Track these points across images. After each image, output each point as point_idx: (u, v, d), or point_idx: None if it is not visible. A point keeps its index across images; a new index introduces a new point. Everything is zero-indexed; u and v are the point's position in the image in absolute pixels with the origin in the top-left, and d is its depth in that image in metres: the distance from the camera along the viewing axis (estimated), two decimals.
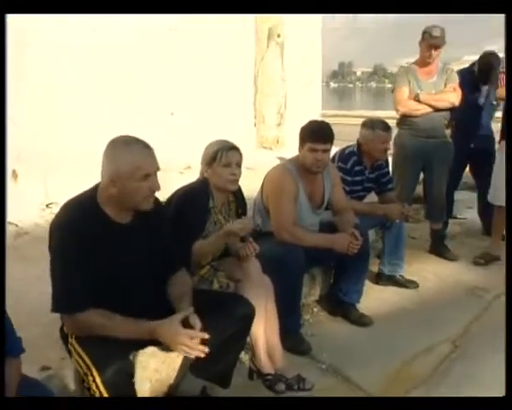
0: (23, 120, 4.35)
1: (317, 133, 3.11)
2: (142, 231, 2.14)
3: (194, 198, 2.55)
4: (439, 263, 4.55)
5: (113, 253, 2.05)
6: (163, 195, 2.46)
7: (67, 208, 2.06)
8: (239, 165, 2.65)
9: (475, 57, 5.00)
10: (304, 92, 8.31)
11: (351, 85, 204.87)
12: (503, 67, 4.30)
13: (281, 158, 7.85)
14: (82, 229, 1.98)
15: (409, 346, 3.15)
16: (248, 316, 2.34)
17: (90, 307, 1.98)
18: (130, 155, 1.99)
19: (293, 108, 8.15)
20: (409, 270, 4.16)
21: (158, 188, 2.06)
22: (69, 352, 2.08)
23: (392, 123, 4.12)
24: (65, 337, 2.10)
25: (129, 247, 2.10)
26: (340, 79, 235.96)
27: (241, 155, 2.66)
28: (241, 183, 2.93)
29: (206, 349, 1.96)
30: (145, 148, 2.04)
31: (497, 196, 4.43)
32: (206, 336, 1.98)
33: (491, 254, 4.55)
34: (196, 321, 2.00)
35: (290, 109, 8.18)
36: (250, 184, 3.60)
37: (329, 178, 3.32)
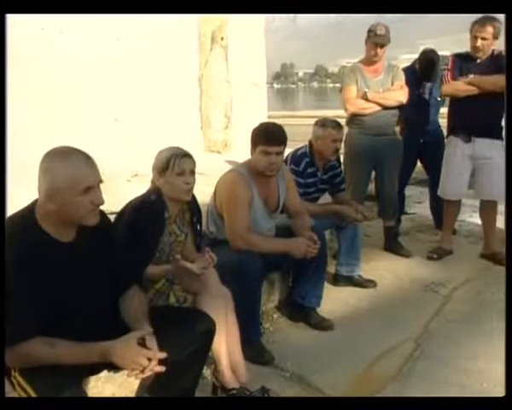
0: None
1: (269, 135, 3.02)
2: (89, 249, 1.98)
3: (149, 210, 2.41)
4: (394, 260, 4.56)
5: (59, 273, 1.88)
6: (112, 204, 2.30)
7: (8, 225, 1.88)
8: (192, 172, 2.52)
9: (412, 56, 5.05)
10: (249, 94, 8.23)
11: (293, 86, 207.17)
12: (446, 64, 4.35)
13: (230, 162, 7.75)
14: (21, 248, 1.81)
15: (372, 347, 3.11)
16: (209, 331, 2.22)
17: (36, 336, 1.81)
18: (69, 168, 1.82)
19: (240, 111, 8.06)
20: (365, 268, 4.15)
21: (101, 201, 1.90)
22: (12, 384, 1.90)
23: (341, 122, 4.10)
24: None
25: (75, 266, 1.93)
26: (282, 81, 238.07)
27: (194, 162, 2.54)
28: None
29: (163, 369, 1.84)
30: (85, 159, 1.88)
31: (446, 190, 4.49)
32: (165, 355, 1.86)
33: (444, 248, 4.60)
34: (154, 344, 1.87)
35: (237, 112, 8.08)
36: (201, 190, 3.48)
37: (284, 180, 3.24)
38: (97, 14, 3.71)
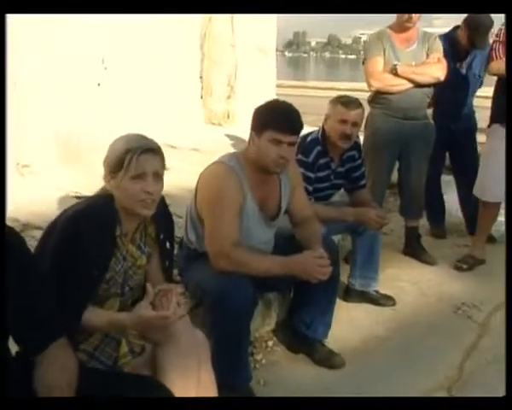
0: None
1: (284, 119, 2.24)
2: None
3: (92, 224, 1.67)
4: (415, 268, 3.83)
5: None
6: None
7: None
8: (158, 176, 1.75)
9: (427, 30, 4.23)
10: (256, 62, 7.43)
11: (305, 55, 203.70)
12: (496, 36, 3.54)
13: (231, 136, 6.98)
14: None
15: (388, 394, 2.39)
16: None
17: None
18: None
19: (245, 79, 7.26)
20: (382, 277, 3.37)
21: None
22: None
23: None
24: None
25: None
26: (294, 49, 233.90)
27: (162, 159, 1.78)
28: (184, 168, 2.00)
29: None
30: None
31: (486, 190, 3.72)
32: None
33: (475, 257, 3.86)
34: None
35: (241, 80, 7.29)
36: (193, 170, 2.75)
37: (287, 177, 2.46)
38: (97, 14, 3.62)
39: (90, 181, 4.61)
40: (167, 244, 1.91)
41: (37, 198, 3.73)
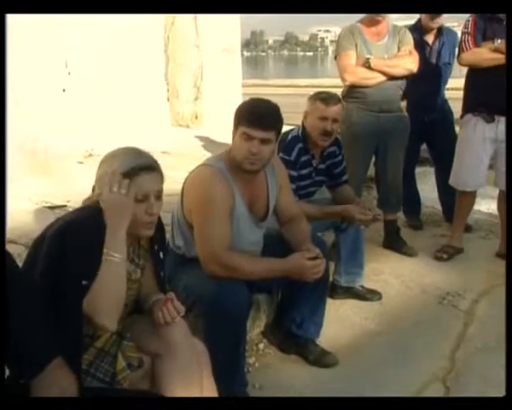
0: None
1: (253, 114, 2.18)
2: None
3: (82, 238, 1.58)
4: (397, 260, 3.82)
5: None
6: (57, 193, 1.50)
7: None
8: (159, 196, 1.69)
9: (408, 23, 4.27)
10: (222, 61, 7.37)
11: (263, 54, 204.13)
12: (465, 27, 3.57)
13: (201, 137, 6.90)
14: None
15: (386, 390, 2.39)
16: None
17: None
18: None
19: (212, 80, 7.20)
20: (365, 270, 3.37)
21: None
22: None
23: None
24: None
25: None
26: (252, 48, 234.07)
27: (161, 176, 1.71)
28: None
29: None
30: None
31: (461, 179, 3.76)
32: None
33: (454, 246, 3.89)
34: None
35: (208, 81, 7.23)
36: (166, 174, 2.67)
37: (274, 177, 2.42)
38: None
39: (59, 190, 4.50)
40: (161, 255, 1.84)
41: (7, 211, 3.58)
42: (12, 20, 3.79)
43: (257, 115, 2.18)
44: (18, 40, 4.36)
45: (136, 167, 1.63)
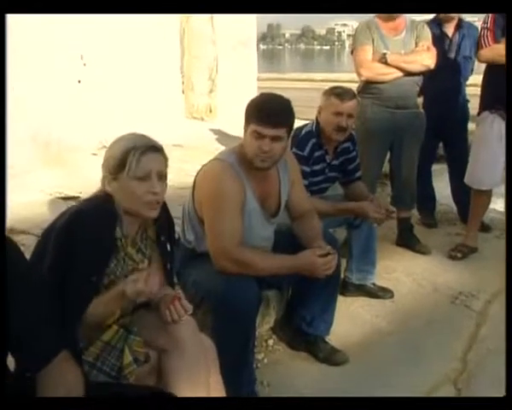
0: None
1: (264, 111, 2.14)
2: None
3: (89, 228, 1.58)
4: (409, 258, 3.78)
5: None
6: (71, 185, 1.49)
7: None
8: (163, 176, 1.69)
9: (422, 17, 4.21)
10: (237, 54, 7.34)
11: (280, 47, 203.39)
12: (484, 23, 3.50)
13: (214, 130, 6.89)
14: None
15: (396, 390, 2.36)
16: None
17: None
18: None
19: (227, 73, 7.17)
20: (377, 268, 3.35)
21: None
22: None
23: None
24: None
25: None
26: (269, 41, 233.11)
27: (165, 158, 1.71)
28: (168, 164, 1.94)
29: None
30: None
31: (477, 178, 3.70)
32: None
33: (468, 245, 3.83)
34: None
35: (223, 74, 7.19)
36: (177, 167, 2.65)
37: (287, 172, 2.39)
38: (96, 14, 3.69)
39: (73, 181, 4.51)
40: (168, 247, 1.83)
41: (21, 202, 3.61)
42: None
43: (267, 113, 2.14)
44: (33, 33, 4.37)
45: (138, 146, 1.64)
